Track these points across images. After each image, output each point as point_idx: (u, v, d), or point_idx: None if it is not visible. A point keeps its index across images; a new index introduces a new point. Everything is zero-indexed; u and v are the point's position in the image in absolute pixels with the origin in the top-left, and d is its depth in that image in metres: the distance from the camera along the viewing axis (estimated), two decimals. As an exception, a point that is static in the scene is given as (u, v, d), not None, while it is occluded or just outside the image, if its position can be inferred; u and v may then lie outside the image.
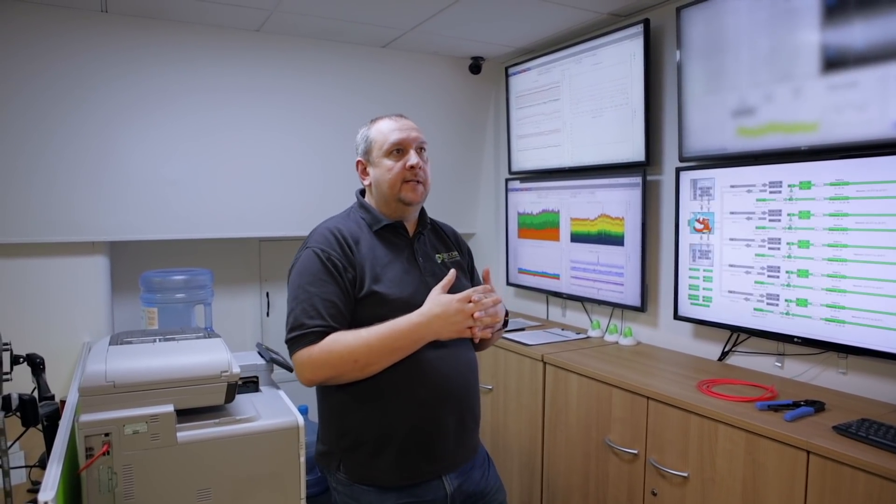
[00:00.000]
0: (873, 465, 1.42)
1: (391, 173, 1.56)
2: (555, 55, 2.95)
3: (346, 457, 1.51)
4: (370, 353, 1.42)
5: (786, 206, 2.02)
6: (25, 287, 2.52)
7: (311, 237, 1.56)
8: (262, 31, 2.86)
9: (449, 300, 1.47)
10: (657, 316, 2.60)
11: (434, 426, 1.51)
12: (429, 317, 1.46)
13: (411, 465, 1.49)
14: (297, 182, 3.01)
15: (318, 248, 1.49)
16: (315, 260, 1.48)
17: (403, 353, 1.46)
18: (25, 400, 1.40)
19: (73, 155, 2.56)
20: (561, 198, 2.98)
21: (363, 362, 1.42)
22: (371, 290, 1.48)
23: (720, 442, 1.78)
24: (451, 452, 1.55)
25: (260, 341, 2.57)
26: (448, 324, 1.46)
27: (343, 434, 1.52)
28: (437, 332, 1.47)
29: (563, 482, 2.38)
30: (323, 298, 1.45)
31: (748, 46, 2.10)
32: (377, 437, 1.49)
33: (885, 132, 1.77)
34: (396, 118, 1.61)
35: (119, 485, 1.26)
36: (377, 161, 1.58)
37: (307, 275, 1.47)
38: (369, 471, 1.49)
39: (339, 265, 1.48)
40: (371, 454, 1.49)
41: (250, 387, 1.66)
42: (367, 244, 1.54)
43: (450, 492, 1.53)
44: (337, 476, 1.53)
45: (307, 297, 1.45)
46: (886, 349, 1.78)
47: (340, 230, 1.54)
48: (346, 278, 1.48)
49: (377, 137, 1.59)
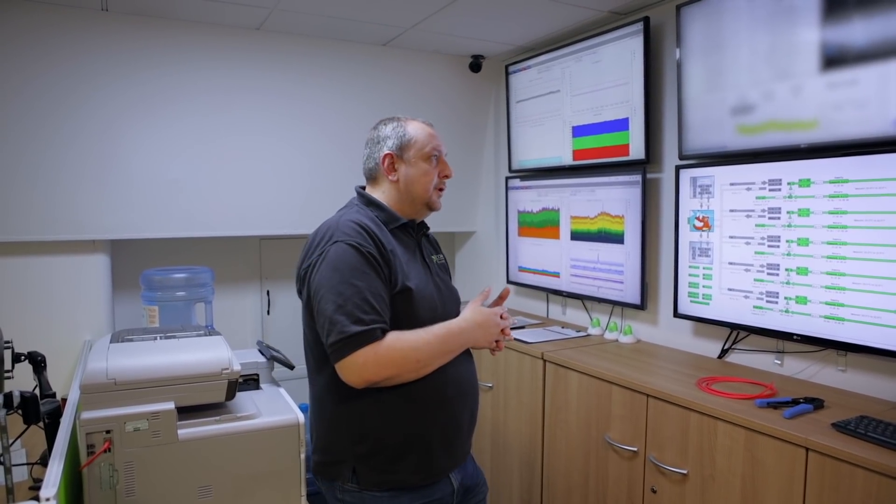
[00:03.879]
0: (872, 462, 1.43)
1: (427, 178, 1.57)
2: (555, 53, 2.95)
3: (361, 463, 1.45)
4: (431, 353, 1.42)
5: (785, 203, 2.02)
6: (26, 285, 2.52)
7: (335, 231, 1.44)
8: (263, 29, 2.86)
9: (490, 313, 1.54)
10: (657, 314, 2.61)
11: (456, 423, 1.53)
12: (472, 325, 1.50)
13: (434, 464, 1.49)
14: (297, 180, 3.01)
15: (354, 242, 1.40)
16: (353, 253, 1.39)
17: (451, 357, 1.48)
18: (27, 397, 1.40)
19: (73, 154, 2.56)
20: (561, 196, 2.98)
21: (424, 362, 1.42)
22: (405, 286, 1.45)
23: (719, 439, 1.78)
24: (462, 448, 1.58)
25: (260, 339, 2.57)
26: (486, 334, 1.53)
27: (360, 440, 1.45)
28: (476, 341, 1.53)
29: (562, 480, 2.39)
30: (372, 292, 1.37)
31: (748, 44, 2.11)
32: (404, 440, 1.45)
33: (884, 130, 1.77)
34: (429, 125, 1.63)
35: (120, 482, 1.26)
36: (414, 161, 1.56)
37: (348, 269, 1.37)
38: (386, 475, 1.45)
39: (378, 258, 1.42)
40: (391, 458, 1.45)
41: (251, 384, 1.67)
42: (389, 241, 1.50)
43: (456, 487, 1.54)
44: (345, 486, 1.46)
45: (356, 292, 1.35)
46: (885, 346, 1.78)
47: (367, 225, 1.46)
48: (384, 273, 1.43)
49: (419, 138, 1.57)
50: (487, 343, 1.54)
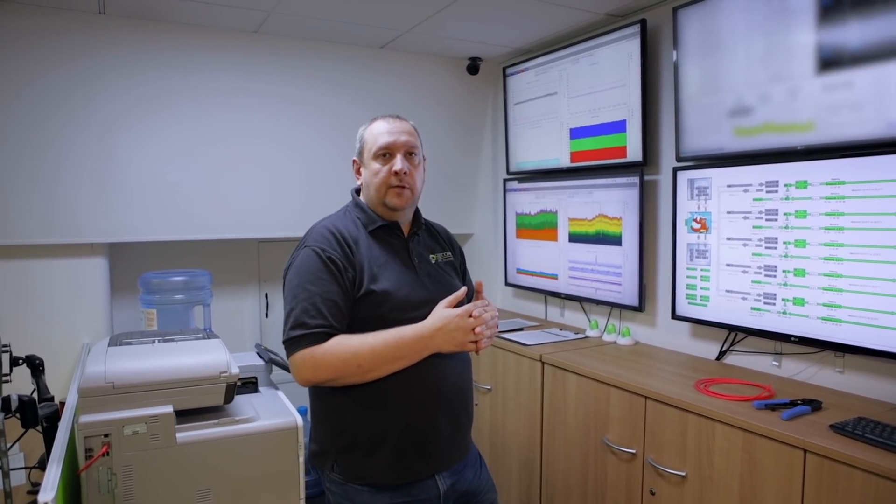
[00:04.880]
0: (870, 464, 1.43)
1: (377, 177, 1.56)
2: (552, 55, 2.96)
3: (342, 456, 1.52)
4: (374, 359, 1.43)
5: (782, 205, 2.03)
6: (25, 289, 2.52)
7: (308, 236, 1.54)
8: (260, 32, 2.86)
9: (449, 315, 1.46)
10: (655, 315, 2.61)
11: (429, 426, 1.52)
12: (431, 330, 1.46)
13: (406, 464, 1.50)
14: (295, 183, 3.01)
15: (318, 247, 1.48)
16: (315, 258, 1.47)
17: (406, 363, 1.46)
18: (25, 401, 1.40)
19: (71, 157, 2.56)
20: (559, 198, 2.98)
21: (366, 367, 1.43)
22: (370, 290, 1.48)
23: (718, 441, 1.78)
24: (446, 452, 1.56)
25: (259, 342, 2.57)
26: (449, 338, 1.46)
27: (338, 434, 1.51)
28: (439, 346, 1.47)
29: (561, 482, 2.39)
30: (324, 298, 1.43)
31: (744, 46, 2.11)
32: (373, 437, 1.49)
33: (880, 132, 1.78)
34: (391, 120, 1.60)
35: (119, 485, 1.26)
36: (367, 162, 1.59)
37: (306, 273, 1.46)
38: (364, 470, 1.50)
39: (339, 264, 1.47)
40: (366, 454, 1.49)
41: (249, 387, 1.66)
42: (365, 244, 1.54)
43: (443, 491, 1.54)
44: (331, 476, 1.54)
45: (308, 296, 1.44)
46: (883, 348, 1.78)
47: (339, 229, 1.53)
48: (347, 277, 1.47)
49: (368, 139, 1.59)
50: (458, 347, 1.48)
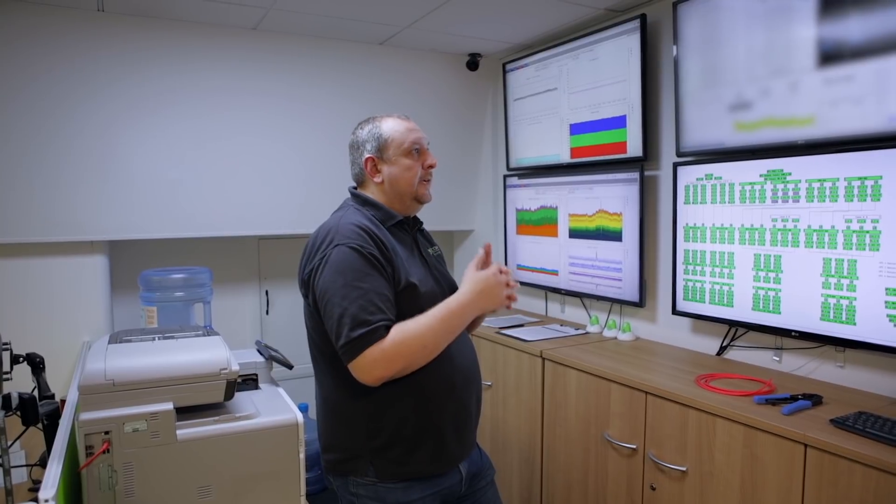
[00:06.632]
0: (870, 458, 1.43)
1: (411, 172, 1.57)
2: (552, 51, 2.95)
3: (377, 457, 1.47)
4: (435, 336, 1.43)
5: (782, 201, 2.02)
6: (25, 287, 2.52)
7: (336, 234, 1.46)
8: (259, 28, 2.86)
9: (486, 276, 1.51)
10: (655, 311, 2.61)
11: (464, 408, 1.55)
12: (473, 294, 1.48)
13: (448, 451, 1.52)
14: (295, 180, 3.01)
15: (355, 244, 1.43)
16: (355, 256, 1.42)
17: (457, 333, 1.49)
18: (25, 399, 1.40)
19: (71, 155, 2.56)
20: (559, 194, 2.98)
21: (431, 347, 1.43)
22: (409, 283, 1.47)
23: (718, 436, 1.78)
24: (472, 432, 1.60)
25: (259, 339, 2.57)
26: (492, 296, 1.51)
27: (376, 434, 1.47)
28: (483, 307, 1.51)
29: (562, 477, 2.39)
30: (377, 292, 1.41)
31: (744, 41, 2.10)
32: (418, 431, 1.48)
33: (881, 126, 1.77)
34: (405, 119, 1.61)
35: (119, 483, 1.26)
36: (395, 159, 1.57)
37: (351, 272, 1.40)
38: (403, 467, 1.48)
39: (380, 259, 1.44)
40: (408, 450, 1.47)
41: (250, 384, 1.66)
42: (388, 240, 1.51)
43: (464, 474, 1.57)
44: (361, 480, 1.49)
45: (361, 294, 1.39)
46: (884, 342, 1.78)
47: (367, 226, 1.48)
48: (387, 272, 1.46)
49: (395, 136, 1.57)
50: (499, 304, 1.53)
